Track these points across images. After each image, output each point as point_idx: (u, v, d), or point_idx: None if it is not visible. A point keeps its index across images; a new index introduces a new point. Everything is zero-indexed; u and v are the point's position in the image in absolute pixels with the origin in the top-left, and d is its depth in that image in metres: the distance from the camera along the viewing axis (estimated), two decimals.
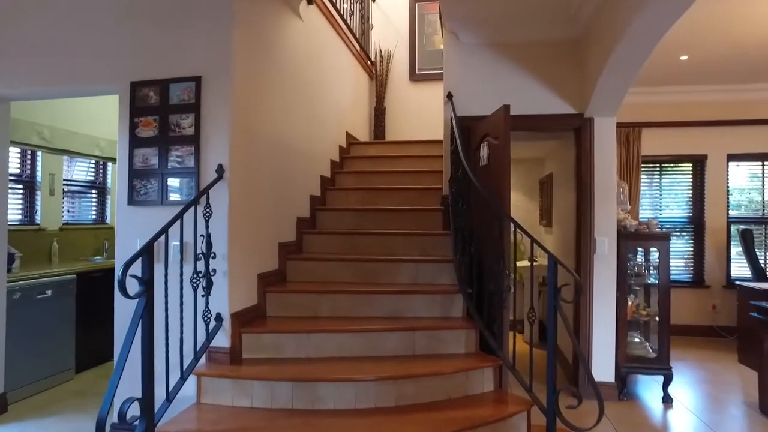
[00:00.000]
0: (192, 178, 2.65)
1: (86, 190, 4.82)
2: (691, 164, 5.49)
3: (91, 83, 2.80)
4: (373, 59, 6.10)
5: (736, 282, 4.66)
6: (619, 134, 4.98)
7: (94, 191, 4.89)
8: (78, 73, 2.80)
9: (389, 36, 6.17)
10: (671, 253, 3.57)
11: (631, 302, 3.65)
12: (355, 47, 5.31)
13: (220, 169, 2.60)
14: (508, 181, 2.85)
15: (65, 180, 4.50)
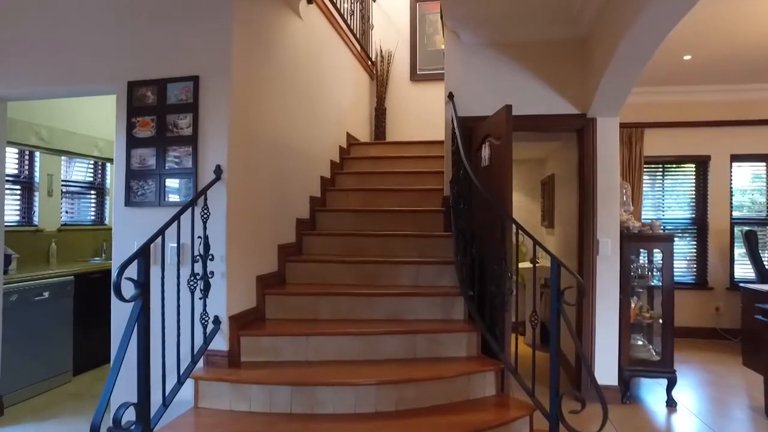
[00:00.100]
0: (190, 179, 2.62)
1: (85, 191, 4.79)
2: (694, 165, 5.44)
3: (88, 83, 2.77)
4: (374, 59, 6.07)
5: (740, 284, 4.61)
6: (622, 134, 4.93)
7: (92, 192, 4.87)
8: (74, 73, 2.77)
9: (390, 36, 6.14)
10: (674, 254, 3.53)
11: (634, 304, 3.61)
12: (356, 47, 5.28)
13: (218, 169, 2.57)
14: (510, 182, 2.82)
15: (64, 181, 4.47)
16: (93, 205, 4.87)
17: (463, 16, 3.52)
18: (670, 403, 3.37)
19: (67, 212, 4.55)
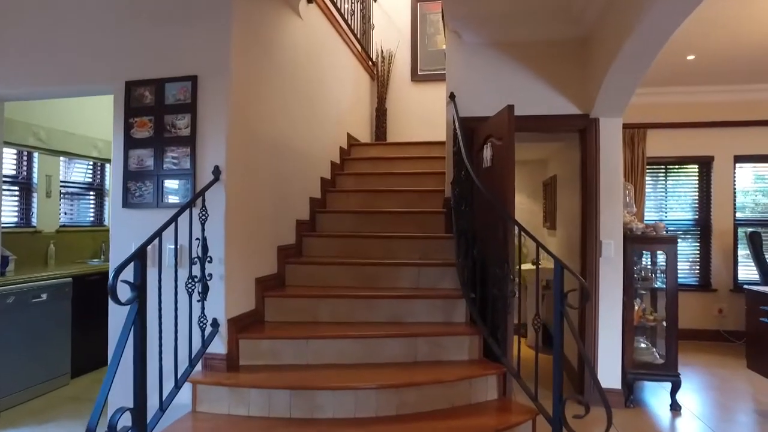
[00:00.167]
0: (188, 180, 2.58)
1: (84, 192, 4.76)
2: (697, 166, 5.40)
3: (86, 83, 2.74)
4: (375, 59, 6.04)
5: (744, 286, 4.56)
6: (624, 135, 4.88)
7: (91, 193, 4.84)
8: (72, 73, 2.74)
9: (391, 36, 6.11)
10: (677, 256, 3.49)
11: (637, 307, 3.57)
12: (356, 47, 5.25)
13: (216, 170, 2.53)
14: (512, 183, 2.78)
15: (63, 181, 4.45)
16: (92, 206, 4.84)
17: (465, 16, 3.48)
18: (675, 407, 3.33)
19: (65, 213, 4.52)
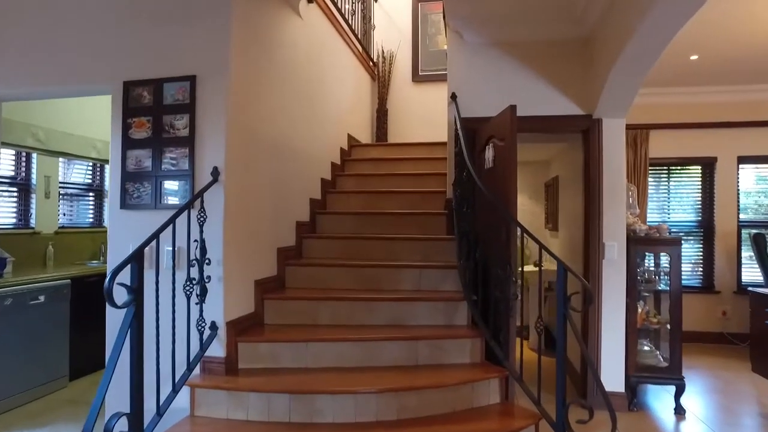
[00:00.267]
0: (187, 181, 2.56)
1: (83, 193, 4.73)
2: (700, 167, 5.36)
3: (84, 83, 2.71)
4: (375, 60, 6.01)
5: (748, 288, 4.52)
6: (626, 136, 4.83)
7: (91, 194, 4.81)
8: (69, 73, 2.72)
9: (392, 36, 6.09)
10: (681, 258, 3.46)
11: (640, 309, 3.53)
12: (357, 47, 5.22)
13: (215, 171, 2.50)
14: (515, 184, 2.75)
15: (62, 182, 4.42)
16: (91, 207, 4.82)
17: (467, 16, 3.45)
18: (679, 411, 3.29)
19: (65, 214, 4.49)
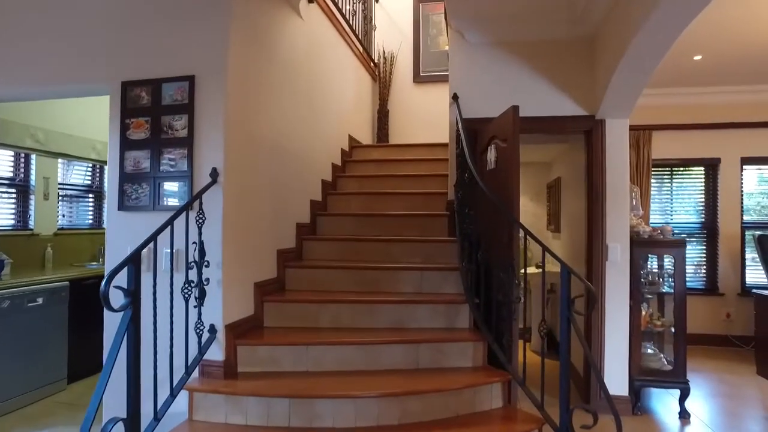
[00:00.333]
0: (185, 182, 2.52)
1: (83, 194, 4.71)
2: (703, 168, 5.32)
3: (81, 83, 2.68)
4: (377, 61, 5.99)
5: (753, 290, 4.48)
6: (629, 137, 4.82)
7: (90, 195, 4.78)
8: (66, 73, 2.69)
9: (393, 37, 6.06)
10: (686, 260, 3.42)
11: (644, 312, 3.49)
12: (358, 48, 5.20)
13: (214, 172, 2.47)
14: (518, 186, 2.71)
15: (61, 184, 4.39)
16: (91, 208, 4.79)
17: (468, 16, 3.42)
18: (683, 415, 3.25)
19: (64, 216, 4.46)
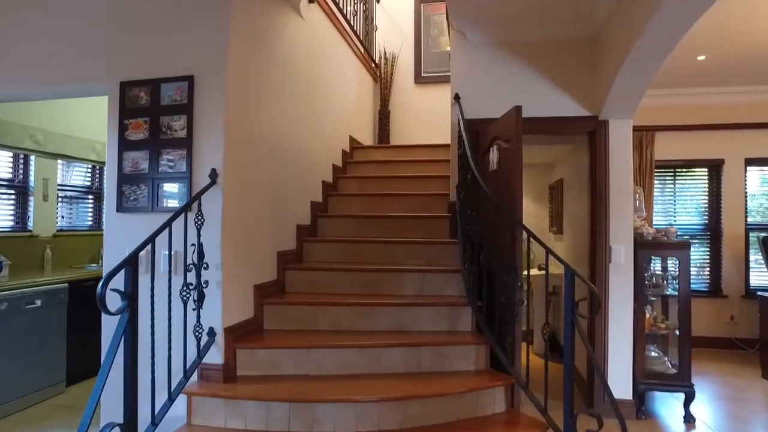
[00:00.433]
0: (184, 183, 2.50)
1: (83, 196, 4.68)
2: (706, 169, 5.28)
3: (79, 83, 2.66)
4: (378, 61, 5.96)
5: (758, 292, 4.45)
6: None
7: (90, 197, 4.76)
8: (64, 74, 2.66)
9: (394, 38, 6.03)
10: (690, 262, 3.38)
11: (648, 314, 3.46)
12: (359, 49, 5.17)
13: (213, 173, 2.44)
14: (520, 187, 2.68)
15: (61, 185, 4.37)
16: (90, 209, 4.76)
17: (470, 16, 3.39)
18: (688, 419, 3.21)
19: (63, 217, 4.44)
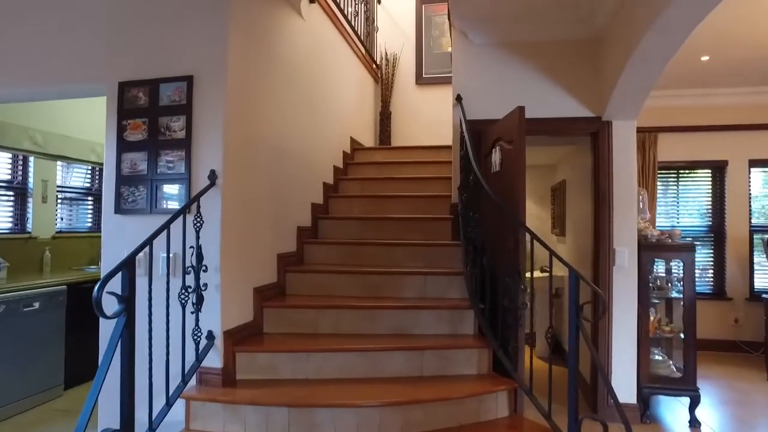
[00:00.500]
0: (183, 185, 2.47)
1: (82, 197, 4.66)
2: (710, 170, 5.23)
3: (77, 84, 2.63)
4: (379, 62, 5.93)
5: (762, 295, 4.41)
6: None
7: (90, 198, 4.73)
8: (62, 74, 2.64)
9: (395, 38, 6.01)
10: (695, 264, 3.34)
11: (652, 317, 3.42)
12: (360, 49, 5.14)
13: (212, 175, 2.41)
14: (523, 188, 2.64)
15: (60, 187, 4.34)
16: (90, 211, 4.74)
17: (472, 16, 3.36)
18: (694, 424, 3.16)
19: (62, 219, 4.41)
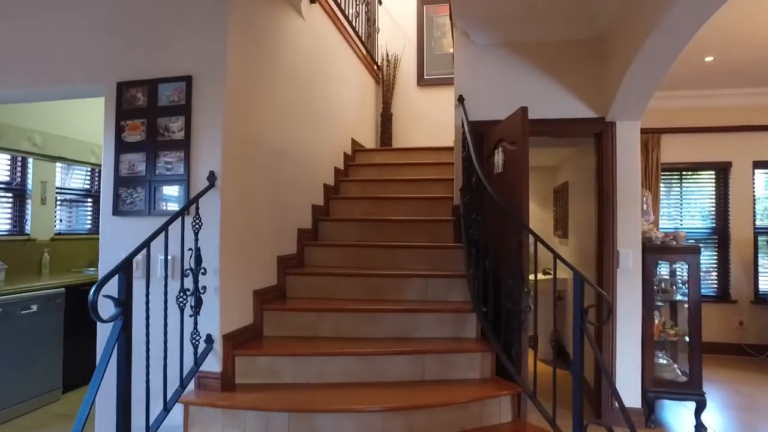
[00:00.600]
0: (182, 186, 2.43)
1: (82, 199, 4.63)
2: (713, 172, 5.20)
3: (75, 84, 2.60)
4: (380, 63, 5.90)
5: None
6: None
7: (89, 200, 4.70)
8: (60, 74, 2.61)
9: (396, 40, 5.98)
10: (700, 266, 3.30)
11: (657, 320, 3.37)
12: (361, 50, 5.12)
13: (211, 176, 2.38)
14: (527, 190, 2.60)
15: (59, 188, 4.31)
16: (89, 213, 4.71)
17: (474, 16, 3.34)
18: (699, 428, 3.12)
19: (62, 221, 4.38)
